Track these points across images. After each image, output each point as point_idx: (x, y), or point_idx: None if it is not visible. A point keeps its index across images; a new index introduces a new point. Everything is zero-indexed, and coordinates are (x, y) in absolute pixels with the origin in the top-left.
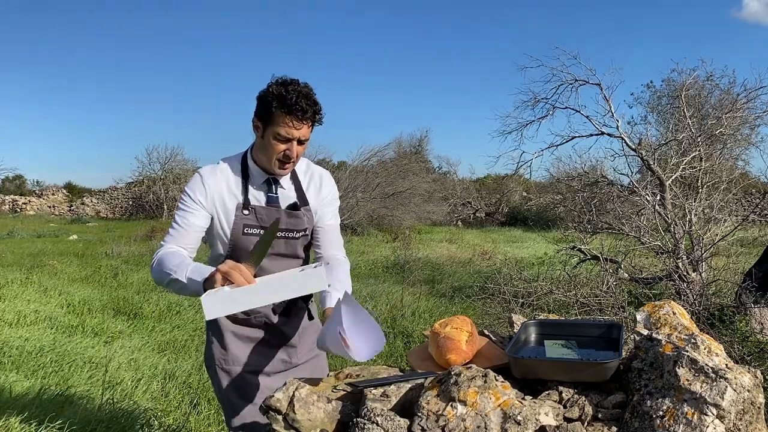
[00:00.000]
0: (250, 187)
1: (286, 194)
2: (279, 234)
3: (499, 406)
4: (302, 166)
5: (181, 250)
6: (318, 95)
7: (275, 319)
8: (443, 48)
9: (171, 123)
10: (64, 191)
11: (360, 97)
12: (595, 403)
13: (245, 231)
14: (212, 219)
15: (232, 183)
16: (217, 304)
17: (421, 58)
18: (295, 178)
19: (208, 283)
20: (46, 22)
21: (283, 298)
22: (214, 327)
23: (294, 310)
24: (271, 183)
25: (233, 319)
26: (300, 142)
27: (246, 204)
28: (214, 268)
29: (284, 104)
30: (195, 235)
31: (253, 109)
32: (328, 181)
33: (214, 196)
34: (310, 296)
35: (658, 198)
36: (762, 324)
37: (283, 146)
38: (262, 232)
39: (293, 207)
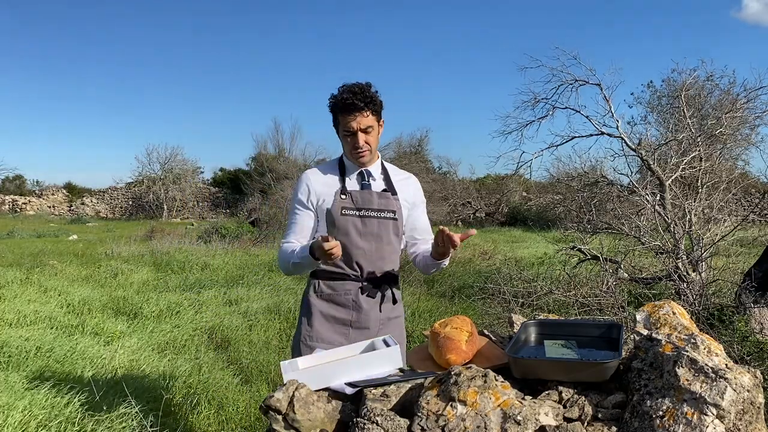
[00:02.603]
0: (346, 179)
1: (378, 184)
2: (372, 213)
3: (499, 406)
4: (393, 169)
5: (294, 243)
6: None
7: (362, 300)
8: (443, 47)
9: (171, 123)
10: (64, 191)
11: None
12: (595, 403)
13: (343, 212)
14: (316, 208)
15: (331, 176)
16: (298, 377)
17: (421, 57)
18: (386, 174)
19: (316, 249)
20: (45, 21)
21: (360, 376)
22: (305, 307)
23: (380, 291)
24: (363, 174)
25: (325, 297)
26: (364, 131)
27: (343, 190)
28: (308, 245)
29: (337, 106)
30: (306, 231)
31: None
32: (415, 183)
33: (316, 188)
34: (396, 278)
35: (657, 198)
36: (762, 324)
37: (350, 139)
38: (356, 213)
39: (383, 191)
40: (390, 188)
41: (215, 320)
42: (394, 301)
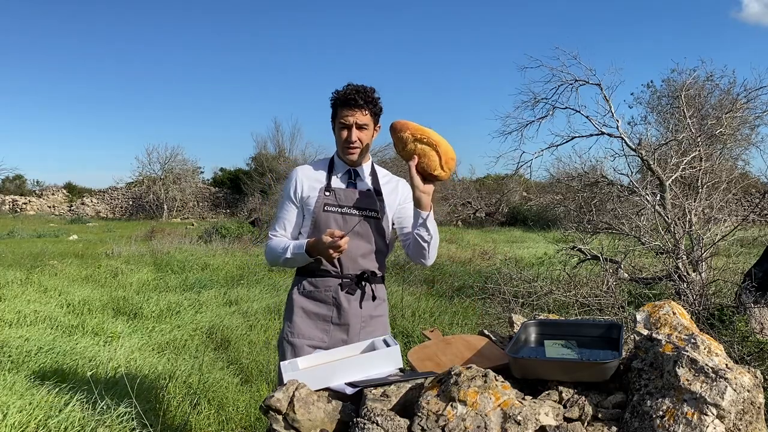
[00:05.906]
0: (333, 176)
1: (364, 183)
2: (354, 211)
3: (499, 406)
4: (383, 172)
5: (282, 238)
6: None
7: (341, 296)
8: (443, 47)
9: (171, 123)
10: (64, 191)
11: None
12: (595, 403)
13: (325, 208)
14: (301, 204)
15: (320, 173)
16: (298, 377)
17: (420, 58)
18: (374, 176)
19: (313, 248)
20: (45, 20)
21: (360, 376)
22: (288, 304)
23: (360, 289)
24: (351, 173)
25: (306, 293)
26: (359, 128)
27: (328, 187)
28: (305, 241)
29: (339, 98)
30: (291, 225)
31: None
32: (404, 186)
33: (303, 183)
34: (374, 275)
35: (658, 198)
36: (762, 324)
37: (344, 132)
38: (339, 210)
39: (368, 191)
40: (376, 189)
41: (215, 320)
42: (374, 298)
